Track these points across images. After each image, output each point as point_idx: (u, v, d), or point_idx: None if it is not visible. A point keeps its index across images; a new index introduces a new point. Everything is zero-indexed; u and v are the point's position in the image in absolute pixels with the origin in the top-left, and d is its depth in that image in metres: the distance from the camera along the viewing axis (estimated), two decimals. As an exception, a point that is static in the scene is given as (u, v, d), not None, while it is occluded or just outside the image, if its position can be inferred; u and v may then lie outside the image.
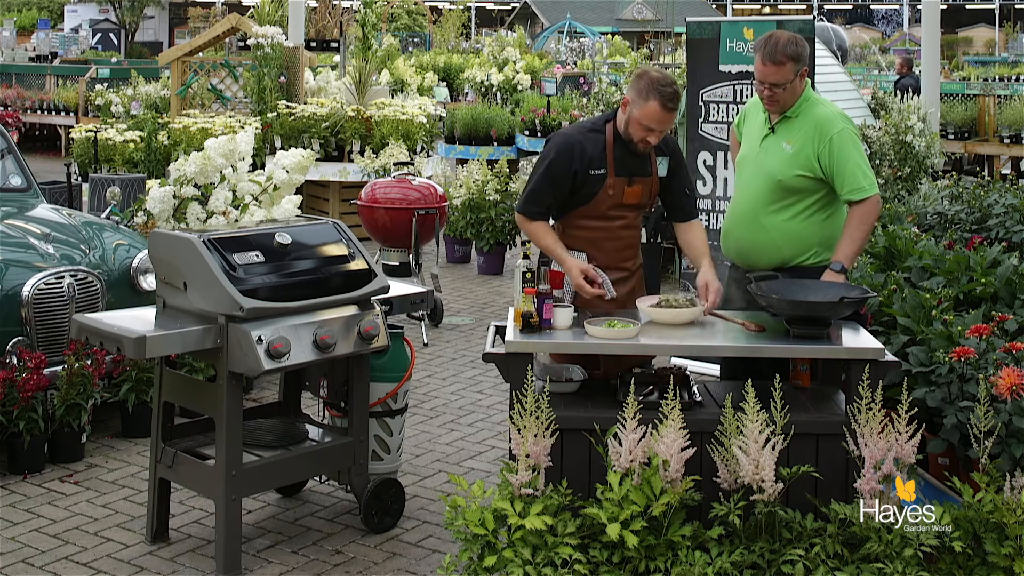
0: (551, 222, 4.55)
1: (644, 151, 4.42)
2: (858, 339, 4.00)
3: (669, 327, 4.12)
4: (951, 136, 14.71)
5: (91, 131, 11.57)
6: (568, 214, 4.49)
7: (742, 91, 6.63)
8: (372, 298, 4.60)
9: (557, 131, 4.62)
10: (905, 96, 9.91)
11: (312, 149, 10.91)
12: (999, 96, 15.32)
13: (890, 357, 3.93)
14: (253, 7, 14.72)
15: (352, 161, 11.18)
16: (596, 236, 4.48)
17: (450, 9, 33.21)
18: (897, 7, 40.23)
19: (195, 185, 6.47)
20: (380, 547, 4.57)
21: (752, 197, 4.55)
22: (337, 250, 4.62)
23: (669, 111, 4.30)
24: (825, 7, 40.67)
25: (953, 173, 8.24)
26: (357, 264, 4.61)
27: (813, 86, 6.78)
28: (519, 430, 3.64)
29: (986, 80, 18.80)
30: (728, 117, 6.69)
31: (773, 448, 3.55)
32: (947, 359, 4.18)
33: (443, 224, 8.39)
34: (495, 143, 14.86)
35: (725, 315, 4.20)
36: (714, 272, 4.38)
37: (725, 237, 4.72)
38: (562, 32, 28.16)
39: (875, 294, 4.67)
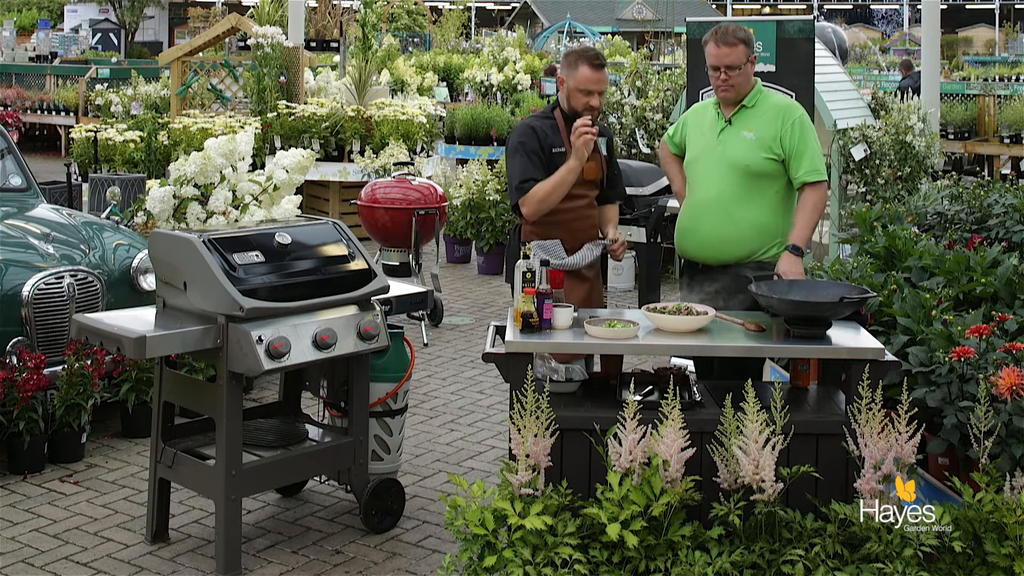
0: (520, 234, 4.80)
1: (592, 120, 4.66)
2: (858, 339, 4.00)
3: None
4: (951, 136, 14.71)
5: (91, 131, 11.58)
6: None
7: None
8: (372, 298, 4.60)
9: (511, 129, 4.86)
10: (905, 96, 9.91)
11: (312, 149, 10.91)
12: (999, 96, 15.32)
13: (890, 357, 3.93)
14: (253, 7, 14.71)
15: (352, 161, 11.18)
16: (565, 218, 4.73)
17: (450, 9, 33.21)
18: (897, 7, 40.23)
19: (195, 185, 6.46)
20: (380, 547, 4.57)
21: (719, 190, 4.61)
22: (337, 250, 4.62)
23: (597, 68, 4.65)
24: (825, 7, 40.66)
25: (953, 173, 8.22)
26: (357, 264, 4.61)
27: (813, 86, 6.79)
28: (519, 430, 3.64)
29: (986, 80, 18.80)
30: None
31: (773, 448, 3.55)
32: (947, 359, 4.17)
33: (443, 224, 8.39)
34: (495, 143, 14.85)
35: (725, 315, 4.21)
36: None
37: (685, 234, 4.73)
38: (562, 32, 28.16)
39: (875, 294, 4.67)
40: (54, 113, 19.26)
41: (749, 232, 4.57)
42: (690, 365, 4.77)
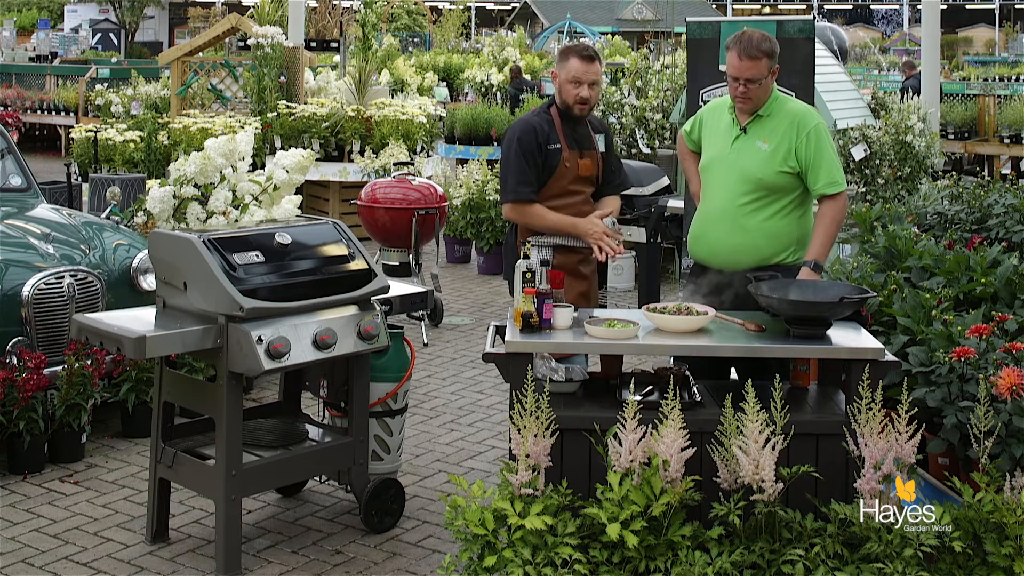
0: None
1: (583, 113, 4.75)
2: (858, 339, 4.00)
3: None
4: (951, 136, 14.71)
5: (91, 131, 11.57)
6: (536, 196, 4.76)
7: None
8: (372, 298, 4.60)
9: (509, 125, 4.98)
10: (906, 96, 9.92)
11: (312, 149, 10.91)
12: (999, 96, 15.32)
13: (890, 357, 3.93)
14: (253, 7, 14.72)
15: (352, 161, 11.18)
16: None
17: (450, 9, 33.23)
18: (897, 7, 40.24)
19: (195, 185, 6.46)
20: (380, 547, 4.57)
21: (728, 198, 4.53)
22: (337, 250, 4.62)
23: (586, 59, 4.70)
24: (825, 7, 40.67)
25: (953, 173, 8.23)
26: (357, 264, 4.61)
27: (813, 86, 6.78)
28: (519, 430, 3.64)
29: (986, 80, 18.80)
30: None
31: (773, 448, 3.55)
32: (947, 359, 4.18)
33: (443, 224, 8.39)
34: (495, 143, 14.86)
35: (725, 315, 4.21)
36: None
37: (697, 240, 4.68)
38: (562, 32, 28.16)
39: (875, 294, 4.67)
40: (54, 113, 19.27)
41: (762, 240, 4.51)
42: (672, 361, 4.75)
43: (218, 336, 4.22)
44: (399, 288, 5.04)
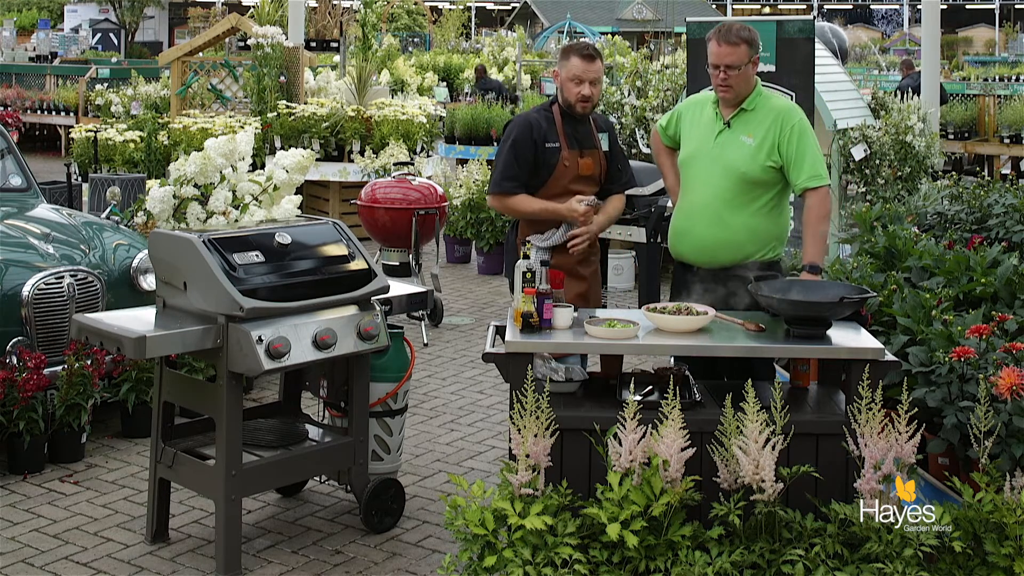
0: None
1: (585, 111, 4.77)
2: (858, 339, 4.00)
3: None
4: (951, 136, 14.70)
5: (91, 131, 11.58)
6: (534, 196, 4.77)
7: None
8: (372, 298, 4.60)
9: (512, 118, 5.01)
10: (905, 96, 9.91)
11: (312, 149, 10.92)
12: (999, 96, 15.32)
13: (890, 357, 3.93)
14: (253, 7, 14.72)
15: (352, 161, 11.18)
16: None
17: (450, 9, 33.23)
18: (897, 7, 40.23)
19: (195, 185, 6.46)
20: (380, 547, 4.57)
21: (713, 194, 4.54)
22: (337, 250, 4.62)
23: (586, 58, 4.72)
24: (825, 7, 40.66)
25: (953, 173, 8.22)
26: (357, 264, 4.61)
27: (813, 86, 6.80)
28: (519, 430, 3.63)
29: (986, 80, 18.80)
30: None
31: (773, 448, 3.55)
32: (947, 359, 4.18)
33: (443, 224, 8.39)
34: (495, 143, 14.84)
35: (725, 315, 4.21)
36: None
37: (680, 236, 4.68)
38: (562, 32, 28.14)
39: (875, 294, 4.67)
40: (54, 113, 19.26)
41: (744, 237, 4.53)
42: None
43: (218, 336, 4.22)
44: (399, 288, 5.04)
